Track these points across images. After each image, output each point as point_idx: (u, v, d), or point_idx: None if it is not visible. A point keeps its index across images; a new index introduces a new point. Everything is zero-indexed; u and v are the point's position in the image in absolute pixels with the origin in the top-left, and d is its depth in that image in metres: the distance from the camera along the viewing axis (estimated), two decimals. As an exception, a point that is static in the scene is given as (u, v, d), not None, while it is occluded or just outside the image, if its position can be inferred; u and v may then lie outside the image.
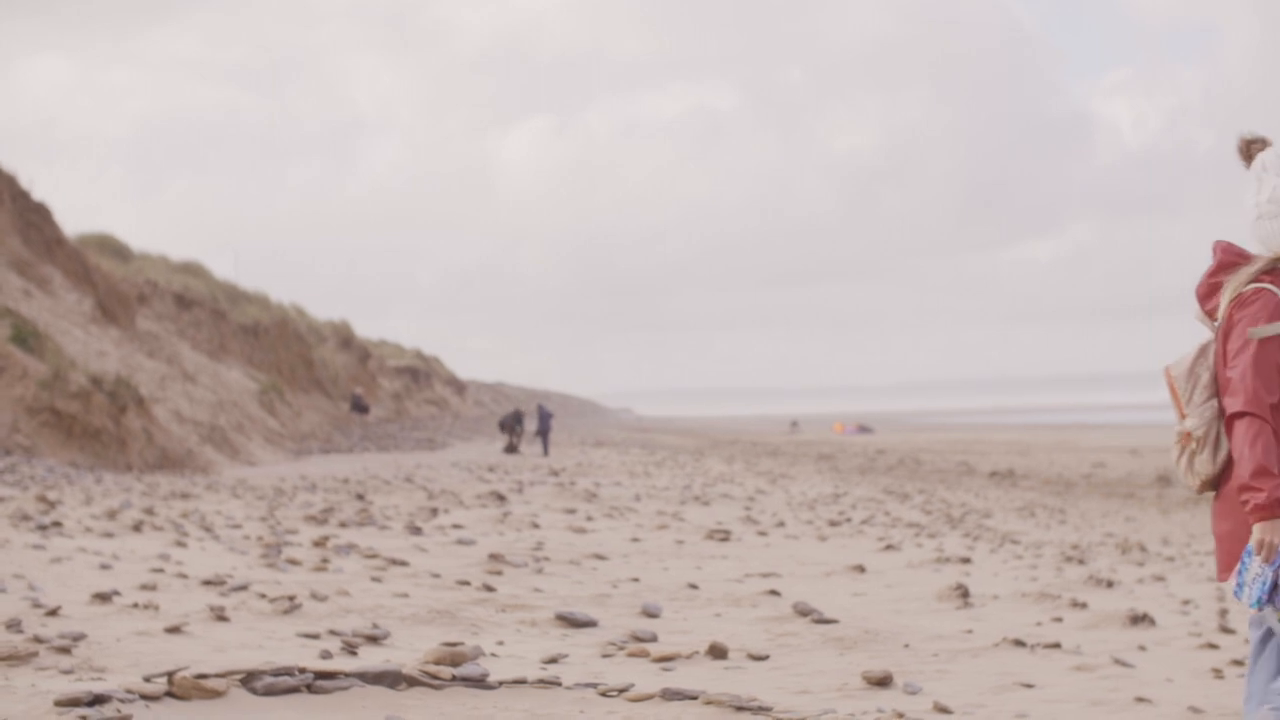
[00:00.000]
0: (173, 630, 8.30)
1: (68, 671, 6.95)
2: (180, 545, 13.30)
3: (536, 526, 17.04)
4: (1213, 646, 8.74)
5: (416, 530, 15.81)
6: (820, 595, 11.24)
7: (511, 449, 42.14)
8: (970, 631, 9.32)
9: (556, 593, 11.15)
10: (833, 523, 18.69)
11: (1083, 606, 10.55)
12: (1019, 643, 8.68)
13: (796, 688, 7.37)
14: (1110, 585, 12.13)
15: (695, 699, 6.66)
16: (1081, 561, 14.31)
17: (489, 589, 11.07)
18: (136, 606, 9.14)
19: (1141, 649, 8.78)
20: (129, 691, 6.13)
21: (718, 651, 8.22)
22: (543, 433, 42.37)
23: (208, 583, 10.55)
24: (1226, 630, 9.37)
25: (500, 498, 21.58)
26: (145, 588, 10.14)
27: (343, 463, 34.83)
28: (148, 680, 6.42)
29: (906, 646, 8.69)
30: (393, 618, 9.39)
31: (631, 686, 6.89)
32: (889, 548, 15.29)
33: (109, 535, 13.76)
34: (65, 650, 7.37)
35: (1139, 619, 9.68)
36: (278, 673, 6.58)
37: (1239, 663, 8.16)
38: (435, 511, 18.81)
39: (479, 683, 6.84)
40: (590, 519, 18.49)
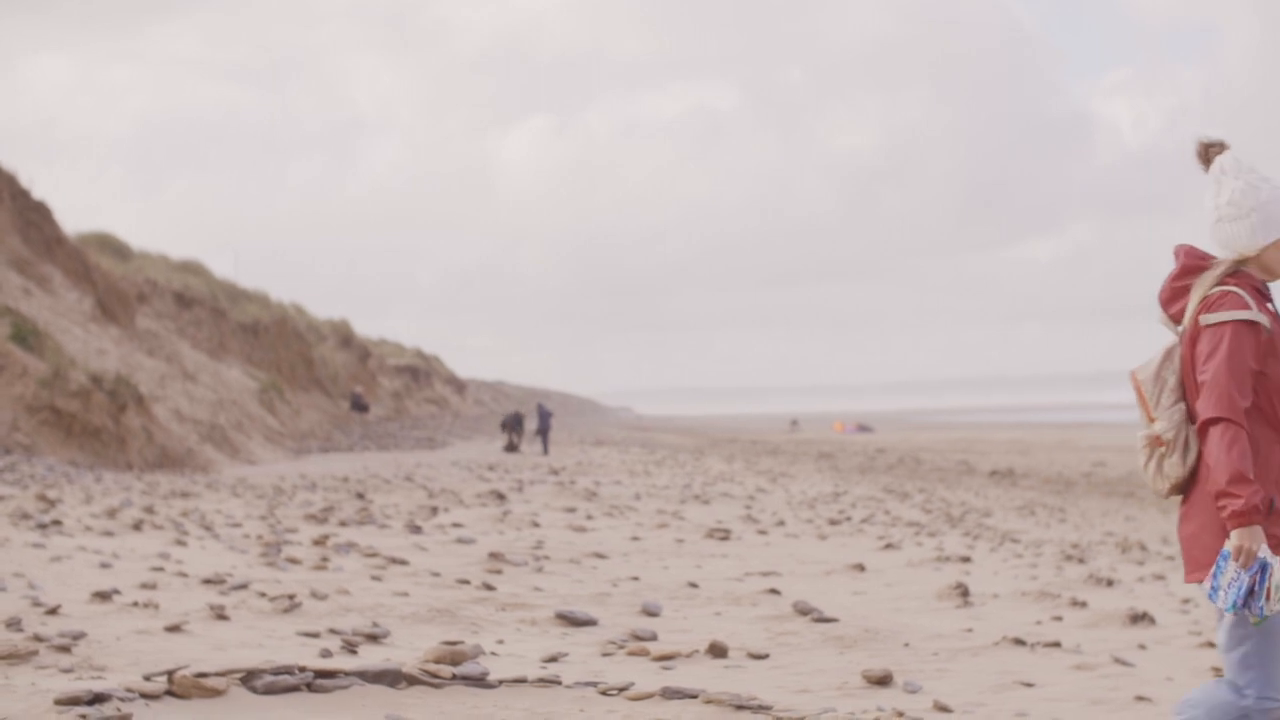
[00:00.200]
0: (173, 629, 8.30)
1: (68, 670, 6.96)
2: (180, 544, 13.30)
3: (536, 525, 17.04)
4: (1213, 645, 8.74)
5: (416, 529, 15.81)
6: (820, 594, 11.24)
7: (511, 448, 42.15)
8: (970, 630, 9.32)
9: (556, 591, 11.15)
10: (833, 521, 18.70)
11: (1083, 605, 10.55)
12: (1019, 641, 8.69)
13: (796, 686, 7.38)
14: (1110, 584, 12.13)
15: (695, 698, 6.66)
16: (1081, 560, 14.31)
17: (489, 588, 11.08)
18: (136, 605, 9.15)
19: (1141, 648, 8.78)
20: (129, 690, 6.13)
21: (718, 650, 8.22)
22: (542, 431, 42.39)
23: (208, 581, 10.55)
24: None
25: (500, 496, 21.58)
26: (145, 586, 10.15)
27: (342, 461, 34.84)
28: (148, 679, 6.42)
29: (906, 645, 8.69)
30: (393, 616, 9.39)
31: (631, 685, 6.89)
32: (889, 547, 15.30)
33: (109, 534, 13.77)
34: (65, 649, 7.37)
35: (1139, 618, 9.68)
36: (278, 671, 6.58)
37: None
38: (435, 510, 18.82)
39: (479, 681, 6.85)
40: (590, 518, 18.49)
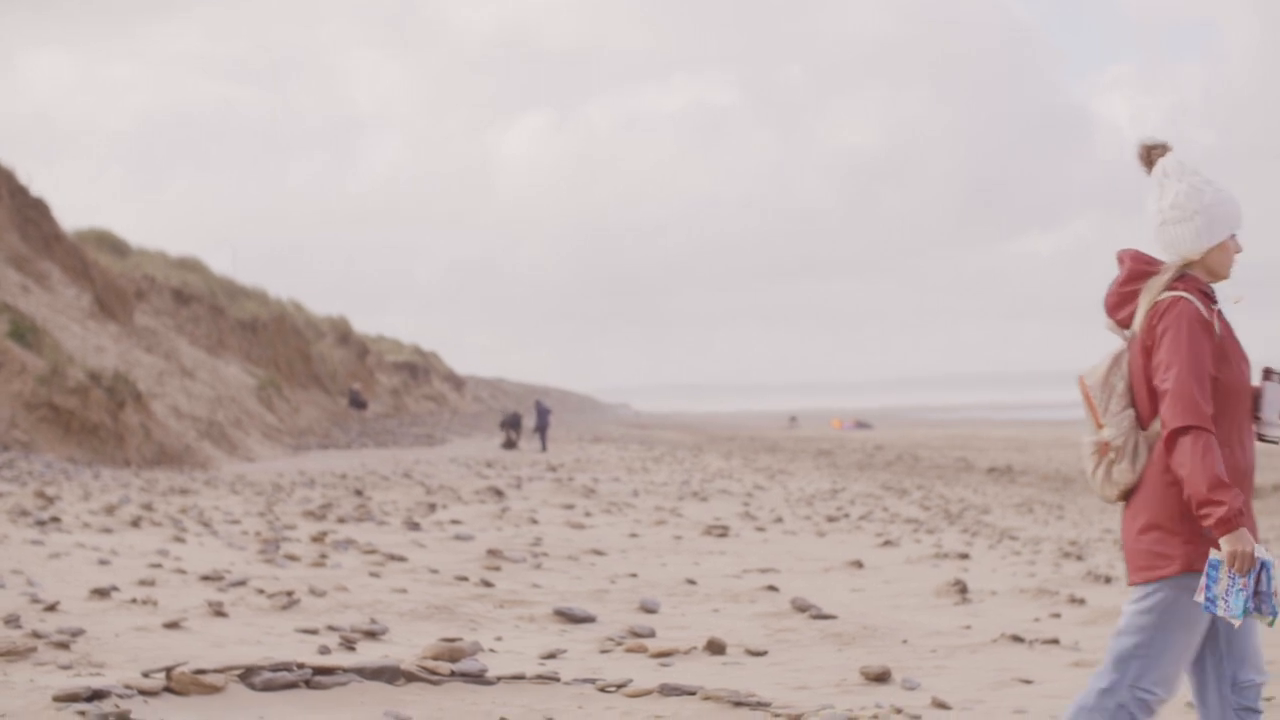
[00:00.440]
0: (171, 626, 8.30)
1: (66, 667, 6.96)
2: (178, 541, 13.30)
3: (535, 522, 17.04)
4: (1210, 642, 8.75)
5: (415, 526, 15.81)
6: (818, 591, 11.25)
7: (510, 445, 42.18)
8: (968, 627, 9.33)
9: (555, 588, 11.16)
10: (831, 518, 18.70)
11: (1081, 602, 10.56)
12: (1017, 638, 8.69)
13: (795, 683, 7.38)
14: (1108, 581, 12.13)
15: (693, 694, 6.66)
16: (1079, 557, 14.31)
17: (487, 584, 11.08)
18: (135, 602, 9.15)
19: (1139, 645, 8.77)
20: (127, 687, 6.13)
21: (716, 647, 8.22)
22: (541, 429, 42.40)
23: (206, 578, 10.55)
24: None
25: (498, 493, 21.58)
26: (144, 583, 10.15)
27: (341, 458, 34.83)
28: (146, 676, 6.43)
29: (905, 642, 8.70)
30: (391, 613, 9.40)
31: (630, 682, 6.90)
32: (887, 543, 15.30)
33: (107, 531, 13.76)
34: (64, 646, 7.37)
35: (1137, 615, 9.68)
36: (276, 668, 6.59)
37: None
38: (433, 507, 18.81)
39: (477, 678, 6.85)
40: (588, 515, 18.49)
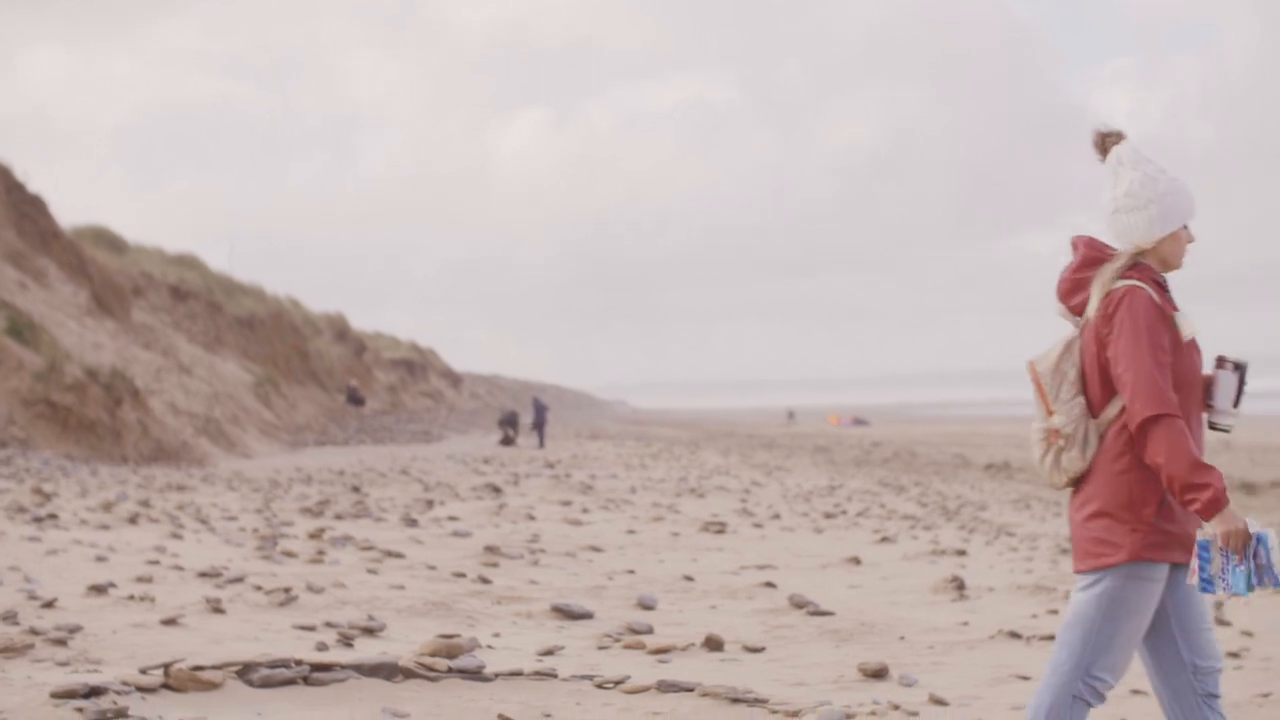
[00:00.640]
0: (169, 622, 8.30)
1: (64, 664, 6.96)
2: (176, 537, 13.30)
3: (532, 519, 17.04)
4: (1208, 638, 8.75)
5: (412, 522, 15.81)
6: (816, 587, 11.25)
7: (507, 441, 42.20)
8: (966, 624, 9.33)
9: (552, 585, 11.16)
10: (828, 515, 18.70)
11: (1078, 599, 10.56)
12: (1014, 635, 8.70)
13: (792, 680, 7.38)
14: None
15: (691, 691, 6.67)
16: (1077, 554, 14.31)
17: (485, 581, 11.08)
18: (132, 599, 9.15)
19: (1137, 641, 8.78)
20: (125, 683, 6.13)
21: (714, 643, 8.23)
22: (538, 425, 42.41)
23: (204, 575, 10.55)
24: (1222, 623, 9.38)
25: (496, 490, 21.58)
26: (141, 580, 10.15)
27: (338, 455, 34.82)
28: (144, 672, 6.42)
29: (902, 639, 8.70)
30: (389, 610, 9.40)
31: (627, 678, 6.90)
32: (885, 540, 15.30)
33: (105, 527, 13.76)
34: (61, 642, 7.37)
35: (1134, 611, 9.69)
36: (274, 665, 6.58)
37: (1235, 655, 8.17)
38: (431, 504, 18.81)
39: (475, 675, 6.85)
40: (586, 511, 18.49)
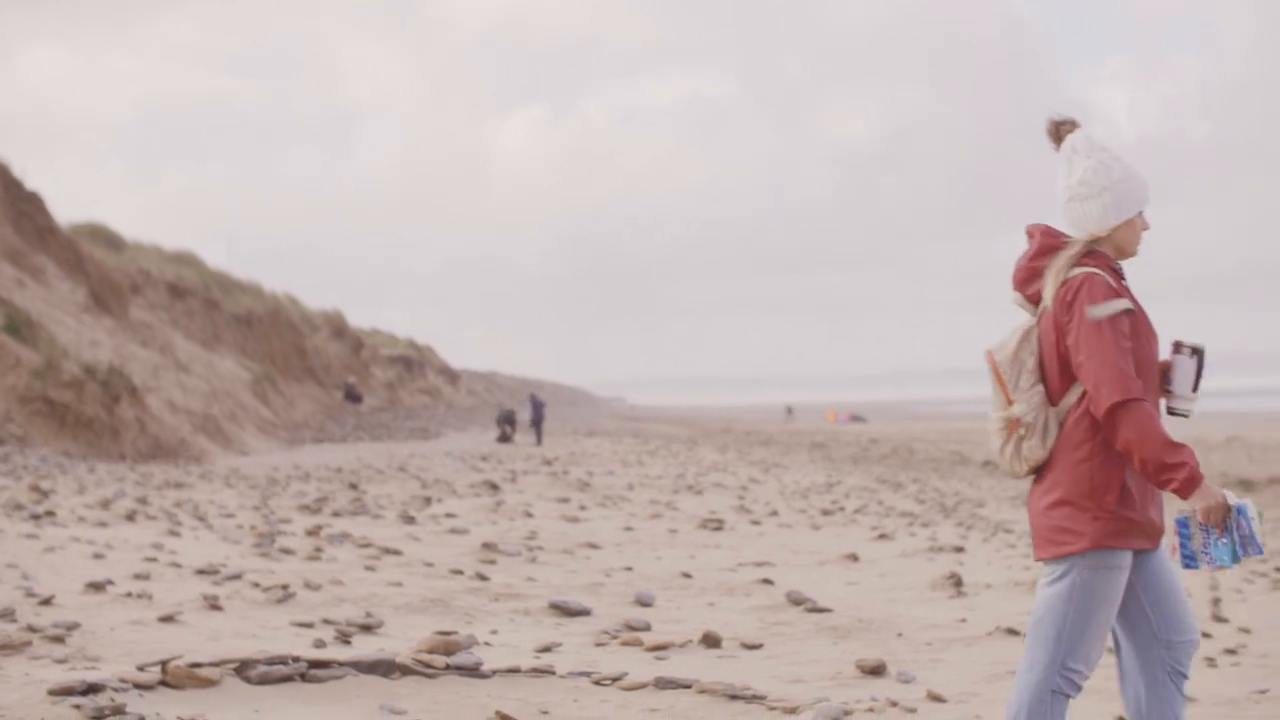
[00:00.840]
0: (166, 619, 8.30)
1: (61, 661, 6.95)
2: (174, 535, 13.30)
3: (530, 515, 17.04)
4: (1206, 636, 8.75)
5: (410, 519, 15.80)
6: (814, 584, 11.25)
7: (505, 438, 42.21)
8: (964, 620, 9.33)
9: (550, 582, 11.16)
10: (826, 512, 18.70)
11: (1075, 595, 10.56)
12: (1012, 631, 8.69)
13: (790, 676, 7.39)
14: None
15: (689, 688, 6.67)
16: (1074, 550, 14.32)
17: (482, 578, 11.08)
18: (130, 596, 9.14)
19: (1134, 637, 8.78)
20: (123, 680, 6.13)
21: (711, 640, 8.23)
22: (536, 422, 42.41)
23: (201, 572, 10.55)
24: (1219, 619, 9.39)
25: (493, 487, 21.58)
26: (139, 577, 10.14)
27: (336, 452, 34.81)
28: (141, 669, 6.42)
29: (900, 635, 8.71)
30: (386, 606, 9.40)
31: (625, 675, 6.90)
32: (882, 537, 15.30)
33: (102, 525, 13.76)
34: (59, 639, 7.37)
35: (1132, 608, 9.69)
36: (271, 662, 6.58)
37: (1232, 651, 8.18)
38: (429, 501, 18.81)
39: (473, 671, 6.85)
40: (583, 508, 18.49)
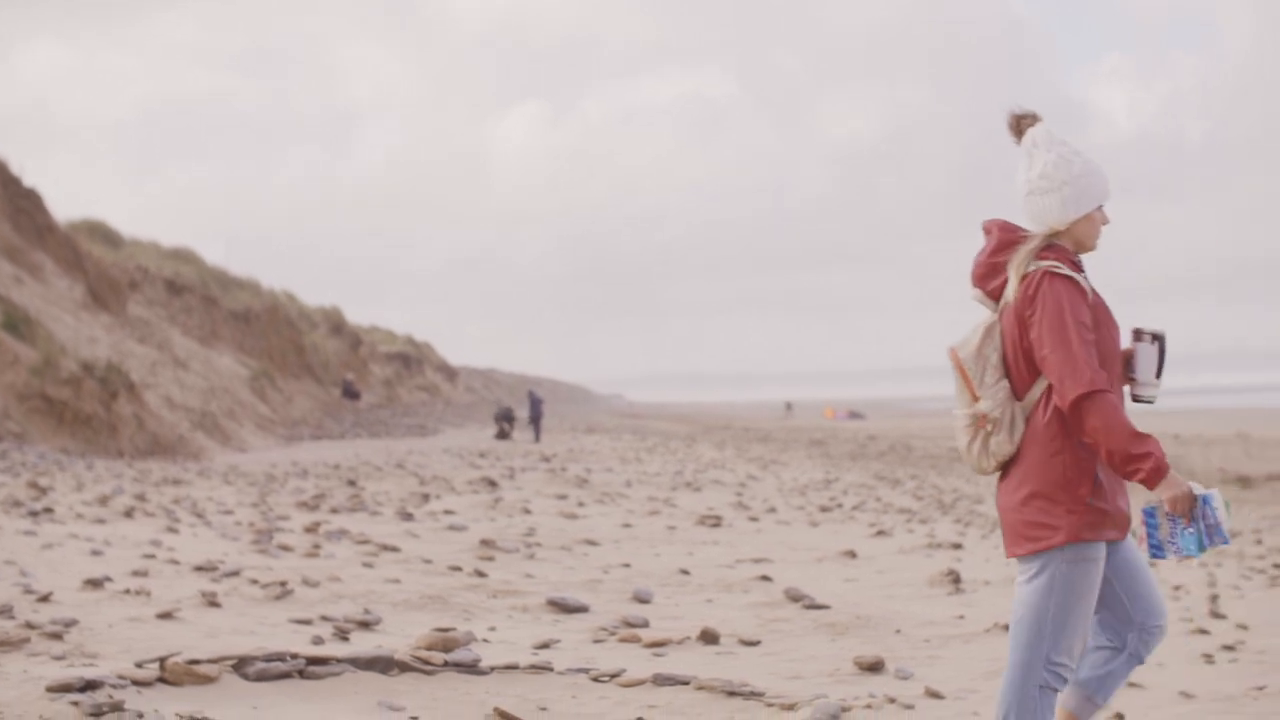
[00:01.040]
0: (164, 616, 8.30)
1: (59, 658, 6.95)
2: (172, 531, 13.30)
3: (528, 512, 17.04)
4: (1203, 632, 8.77)
5: (408, 516, 15.81)
6: (812, 581, 11.25)
7: (503, 435, 42.23)
8: (962, 617, 9.33)
9: (548, 578, 11.16)
10: (824, 508, 18.70)
11: (1073, 592, 10.56)
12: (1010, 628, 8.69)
13: (788, 673, 7.39)
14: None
15: (687, 684, 6.67)
16: (1072, 547, 14.32)
17: (481, 574, 11.08)
18: (128, 592, 9.14)
19: (1132, 634, 8.78)
20: (121, 677, 6.13)
21: (709, 637, 8.23)
22: (534, 419, 42.41)
23: (199, 569, 10.55)
24: (1217, 616, 9.39)
25: (492, 484, 21.58)
26: (137, 574, 10.14)
27: (334, 449, 34.81)
28: (140, 666, 6.42)
29: (898, 632, 8.71)
30: (384, 603, 9.40)
31: (623, 672, 6.90)
32: (880, 533, 15.30)
33: (100, 521, 13.76)
34: (57, 636, 7.37)
35: (1130, 604, 9.69)
36: (270, 658, 6.58)
37: (1230, 648, 8.18)
38: (427, 497, 18.81)
39: (471, 668, 6.85)
40: (581, 505, 18.49)
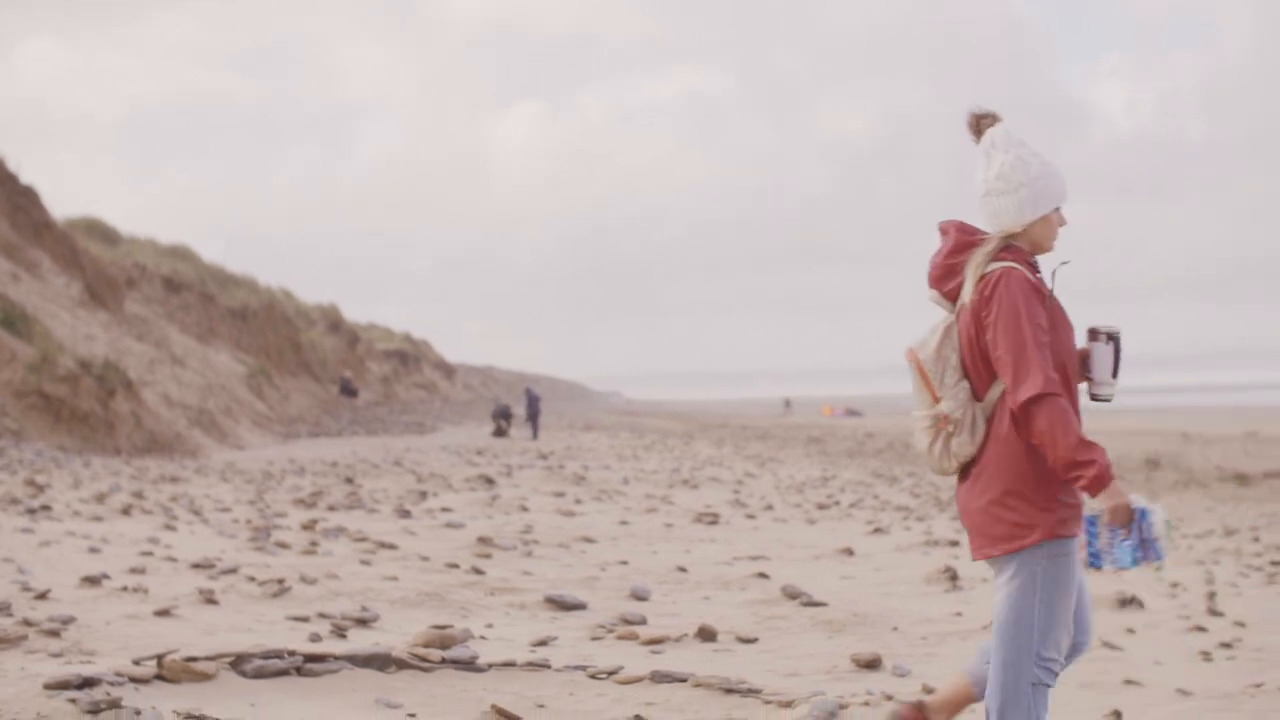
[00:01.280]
0: (162, 613, 8.29)
1: (57, 655, 6.95)
2: (169, 529, 13.29)
3: (525, 510, 17.04)
4: (1201, 629, 8.77)
5: (405, 513, 15.80)
6: (809, 578, 11.25)
7: (500, 433, 42.24)
8: (959, 614, 9.34)
9: (545, 575, 11.15)
10: (821, 506, 18.71)
11: (1071, 589, 10.56)
12: (1007, 625, 8.69)
13: (786, 670, 7.39)
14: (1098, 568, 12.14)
15: (684, 681, 6.67)
16: (1070, 544, 14.33)
17: (478, 572, 11.08)
18: (126, 590, 9.14)
19: (1130, 632, 8.80)
20: (118, 674, 6.12)
21: (707, 634, 8.22)
22: (532, 416, 42.41)
23: (197, 566, 10.54)
24: (1215, 613, 9.40)
25: (489, 481, 21.58)
26: (134, 571, 10.14)
27: (331, 446, 34.80)
28: (137, 663, 6.41)
29: (895, 629, 8.71)
30: (382, 600, 9.39)
31: (621, 669, 6.90)
32: (877, 531, 15.31)
33: (98, 519, 13.75)
34: (54, 633, 7.36)
35: (1127, 602, 9.70)
36: (267, 655, 6.58)
37: (1227, 645, 8.18)
38: (424, 495, 18.81)
39: (468, 665, 6.85)
40: (579, 502, 18.49)
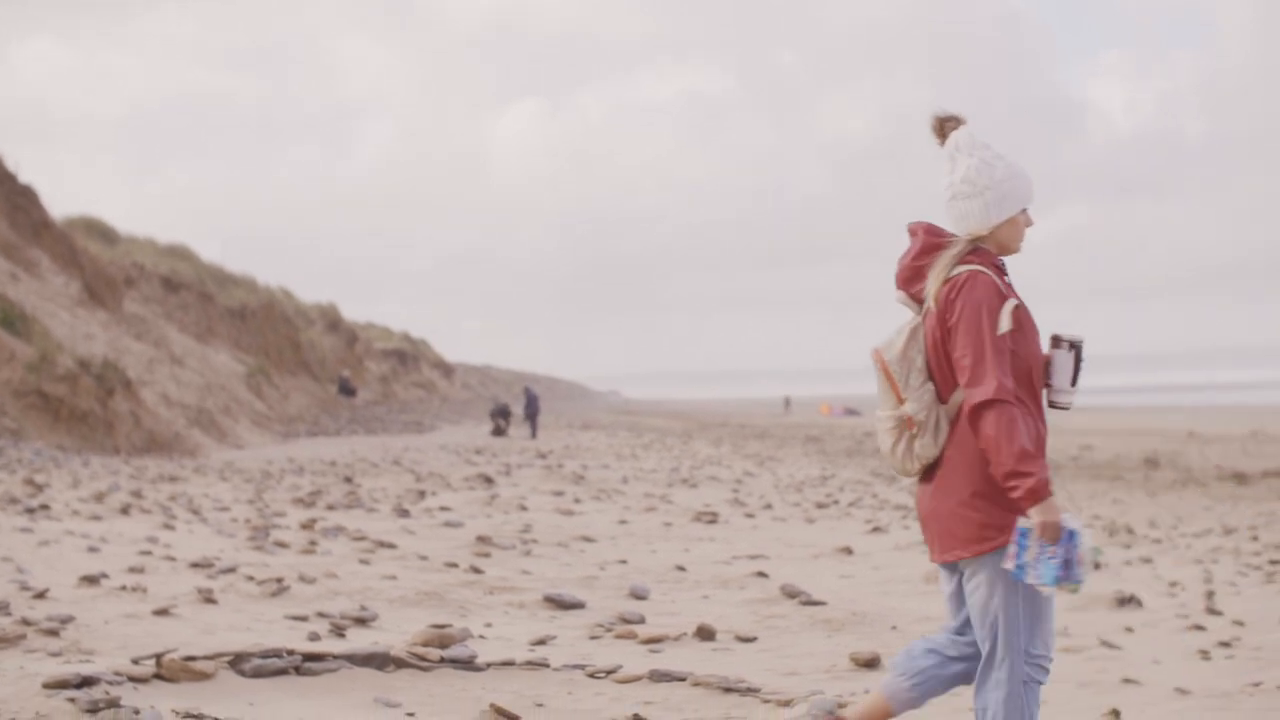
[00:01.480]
0: (161, 612, 8.29)
1: (56, 654, 6.95)
2: (168, 528, 13.29)
3: (524, 509, 17.04)
4: (1200, 628, 8.77)
5: (404, 513, 15.80)
6: (808, 577, 11.26)
7: (499, 432, 42.24)
8: (958, 613, 9.34)
9: (544, 575, 11.16)
10: (820, 505, 18.71)
11: (1070, 588, 10.56)
12: (1006, 624, 8.69)
13: (785, 669, 7.39)
14: (1097, 567, 12.15)
15: (683, 680, 6.67)
16: (1068, 543, 14.31)
17: (477, 571, 11.08)
18: (124, 589, 9.14)
19: (1129, 630, 8.80)
20: (117, 673, 6.12)
21: (705, 633, 8.23)
22: (530, 416, 42.41)
23: (196, 565, 10.55)
24: (1213, 612, 9.40)
25: (488, 480, 21.58)
26: (133, 570, 10.14)
27: (330, 445, 34.80)
28: (136, 662, 6.42)
29: (894, 628, 8.71)
30: (381, 600, 9.39)
31: (619, 668, 6.90)
32: (876, 530, 15.31)
33: (97, 518, 13.75)
34: (53, 633, 7.36)
35: (1126, 601, 9.71)
36: (266, 655, 6.58)
37: (1226, 644, 8.19)
38: (423, 494, 18.81)
39: (467, 664, 6.85)
40: (578, 501, 18.49)
